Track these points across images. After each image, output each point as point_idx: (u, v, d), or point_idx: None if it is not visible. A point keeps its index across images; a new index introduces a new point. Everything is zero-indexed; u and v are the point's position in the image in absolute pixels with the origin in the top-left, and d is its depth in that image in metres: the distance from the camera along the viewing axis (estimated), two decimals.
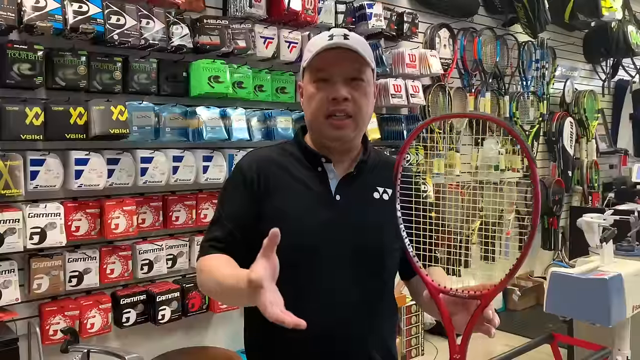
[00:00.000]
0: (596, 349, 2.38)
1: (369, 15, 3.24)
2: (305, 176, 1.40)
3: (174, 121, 2.56)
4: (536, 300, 4.42)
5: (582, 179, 5.15)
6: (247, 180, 1.38)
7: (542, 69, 4.79)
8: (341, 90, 1.32)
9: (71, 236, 2.33)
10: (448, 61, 4.01)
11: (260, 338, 1.43)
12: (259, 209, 1.37)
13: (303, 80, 1.41)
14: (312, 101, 1.35)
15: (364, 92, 1.35)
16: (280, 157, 1.43)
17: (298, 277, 1.32)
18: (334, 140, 1.38)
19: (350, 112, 1.34)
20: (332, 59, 1.32)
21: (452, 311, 1.18)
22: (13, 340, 1.97)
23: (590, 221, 2.64)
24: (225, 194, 1.45)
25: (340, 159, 1.42)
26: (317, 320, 1.32)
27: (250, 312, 1.47)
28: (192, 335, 2.79)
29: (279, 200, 1.37)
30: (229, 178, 1.48)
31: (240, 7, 2.75)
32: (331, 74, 1.33)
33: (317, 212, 1.36)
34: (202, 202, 2.71)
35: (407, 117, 3.59)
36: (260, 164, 1.41)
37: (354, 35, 1.36)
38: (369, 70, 1.37)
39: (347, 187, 1.39)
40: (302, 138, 1.46)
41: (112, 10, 2.34)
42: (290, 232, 1.31)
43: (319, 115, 1.35)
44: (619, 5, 4.79)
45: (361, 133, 1.42)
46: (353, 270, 1.35)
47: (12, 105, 2.13)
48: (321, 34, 1.39)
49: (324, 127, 1.36)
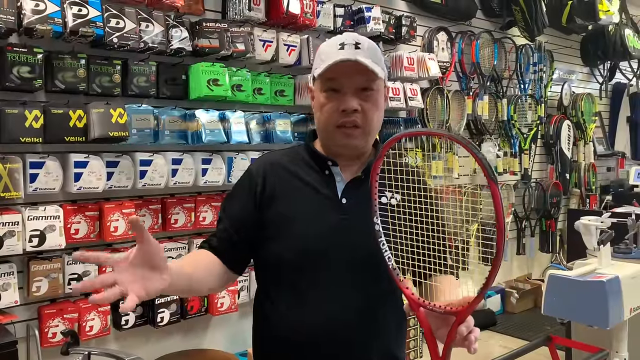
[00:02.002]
0: (594, 352, 2.39)
1: (367, 18, 3.25)
2: (313, 180, 1.41)
3: (173, 124, 2.56)
4: (534, 302, 4.42)
5: (580, 182, 5.16)
6: (252, 185, 1.40)
7: (540, 72, 4.81)
8: (351, 102, 1.33)
9: (70, 239, 2.33)
10: (446, 64, 4.02)
11: (263, 339, 1.44)
12: (262, 213, 1.38)
13: (314, 86, 1.42)
14: (322, 110, 1.37)
15: (373, 102, 1.36)
16: (289, 161, 1.44)
17: (302, 279, 1.33)
18: (343, 148, 1.40)
19: (359, 123, 1.35)
20: (343, 70, 1.32)
21: (434, 324, 1.17)
22: (12, 343, 1.96)
23: (587, 224, 2.64)
24: (230, 195, 1.48)
25: (349, 163, 1.43)
26: (320, 324, 1.33)
27: (256, 315, 1.48)
28: (191, 337, 2.79)
29: (285, 204, 1.38)
30: (239, 178, 1.50)
31: (239, 11, 2.76)
32: (342, 84, 1.34)
33: (323, 216, 1.37)
34: (201, 205, 2.71)
35: (405, 120, 3.60)
36: (267, 169, 1.42)
37: (365, 43, 1.35)
38: (379, 79, 1.37)
39: (354, 190, 1.40)
40: (311, 142, 1.47)
41: (112, 13, 2.34)
42: (295, 236, 1.32)
43: (328, 124, 1.37)
44: (616, 9, 4.81)
45: (371, 140, 1.44)
46: (357, 274, 1.36)
47: (11, 108, 2.13)
48: (332, 40, 1.38)
49: (334, 136, 1.38)
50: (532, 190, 4.70)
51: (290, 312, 1.35)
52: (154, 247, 1.07)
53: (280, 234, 1.36)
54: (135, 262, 1.05)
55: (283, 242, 1.36)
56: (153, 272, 1.07)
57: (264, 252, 1.40)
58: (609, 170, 5.81)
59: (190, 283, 1.26)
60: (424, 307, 1.16)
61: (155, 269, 1.07)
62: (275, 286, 1.40)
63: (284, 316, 1.37)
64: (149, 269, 1.07)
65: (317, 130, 1.45)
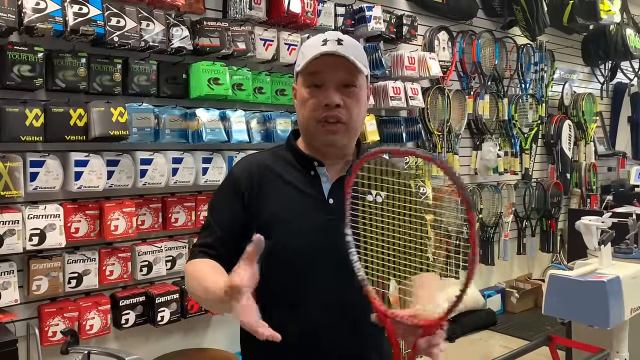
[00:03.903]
0: (594, 352, 2.39)
1: (368, 17, 3.25)
2: (298, 180, 1.40)
3: (173, 123, 2.56)
4: (534, 302, 4.42)
5: (581, 182, 5.16)
6: (238, 187, 1.39)
7: (541, 71, 4.81)
8: (333, 97, 1.32)
9: (70, 237, 2.33)
10: (447, 64, 4.02)
11: (253, 342, 1.44)
12: (251, 215, 1.37)
13: (297, 83, 1.41)
14: (305, 106, 1.36)
15: (356, 99, 1.36)
16: (273, 162, 1.43)
17: (292, 281, 1.32)
18: (326, 145, 1.38)
19: (342, 118, 1.34)
20: (326, 65, 1.32)
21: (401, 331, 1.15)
22: (12, 342, 1.96)
23: (588, 224, 2.64)
24: (216, 199, 1.46)
25: (333, 163, 1.42)
26: (310, 324, 1.32)
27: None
28: (191, 336, 2.79)
29: (272, 205, 1.37)
30: (221, 184, 1.49)
31: (240, 10, 2.75)
32: (324, 79, 1.33)
33: (310, 216, 1.37)
34: (201, 204, 2.71)
35: (406, 120, 3.60)
36: (252, 170, 1.41)
37: (348, 40, 1.35)
38: (362, 75, 1.37)
39: (340, 190, 1.39)
40: (294, 142, 1.46)
41: (112, 12, 2.34)
42: (283, 237, 1.31)
43: (311, 120, 1.36)
44: (617, 9, 4.81)
45: (354, 138, 1.42)
46: (347, 273, 1.35)
47: (12, 107, 2.13)
48: (315, 37, 1.38)
49: (316, 132, 1.36)
50: (532, 190, 4.69)
51: (280, 313, 1.35)
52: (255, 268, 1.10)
53: (267, 235, 1.36)
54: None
55: (270, 243, 1.35)
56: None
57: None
58: (610, 170, 5.81)
59: None
60: (391, 318, 1.15)
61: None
62: (265, 287, 1.39)
63: (274, 317, 1.36)
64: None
65: (300, 128, 1.44)
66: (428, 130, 3.84)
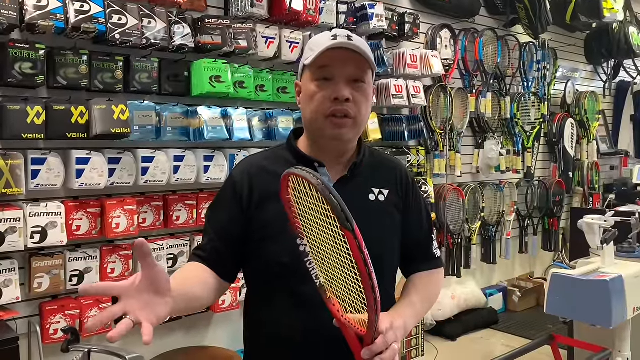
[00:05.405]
0: (596, 351, 2.39)
1: (370, 15, 3.24)
2: None
3: (175, 121, 2.56)
4: (536, 301, 4.42)
5: (583, 180, 5.15)
6: (237, 191, 1.38)
7: (544, 70, 4.80)
8: (344, 91, 1.31)
9: (72, 235, 2.33)
10: (449, 62, 4.01)
11: (259, 343, 1.43)
12: (250, 218, 1.36)
13: (302, 79, 1.40)
14: (312, 99, 1.34)
15: (365, 95, 1.35)
16: (272, 163, 1.41)
17: (297, 282, 1.31)
18: (333, 140, 1.37)
19: (350, 113, 1.33)
20: (336, 58, 1.31)
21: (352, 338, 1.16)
22: (13, 339, 1.97)
23: (591, 222, 2.63)
24: (215, 203, 1.45)
25: (334, 163, 1.40)
26: (317, 325, 1.32)
27: (250, 319, 1.47)
28: (193, 334, 2.79)
29: (272, 207, 1.36)
30: (221, 187, 1.48)
31: (241, 7, 2.75)
32: (334, 73, 1.32)
33: None
34: (203, 202, 2.71)
35: (408, 118, 3.59)
36: (252, 172, 1.40)
37: (356, 37, 1.36)
38: (370, 72, 1.36)
39: (341, 190, 1.38)
40: (294, 143, 1.45)
41: (114, 9, 2.34)
42: (287, 238, 1.30)
43: (319, 114, 1.34)
44: (620, 7, 4.79)
45: (358, 134, 1.41)
46: None
47: (13, 104, 2.13)
48: (324, 33, 1.38)
49: (323, 126, 1.35)
50: (535, 189, 4.69)
51: (287, 314, 1.34)
52: (158, 271, 1.07)
53: (272, 237, 1.35)
54: (140, 288, 1.06)
55: (275, 245, 1.34)
56: (157, 296, 1.08)
57: (256, 257, 1.38)
58: (613, 169, 5.80)
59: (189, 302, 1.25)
60: (342, 321, 1.14)
61: (159, 293, 1.08)
62: (270, 289, 1.38)
63: (281, 318, 1.35)
64: (154, 294, 1.07)
65: (304, 124, 1.42)
66: (430, 129, 3.83)
